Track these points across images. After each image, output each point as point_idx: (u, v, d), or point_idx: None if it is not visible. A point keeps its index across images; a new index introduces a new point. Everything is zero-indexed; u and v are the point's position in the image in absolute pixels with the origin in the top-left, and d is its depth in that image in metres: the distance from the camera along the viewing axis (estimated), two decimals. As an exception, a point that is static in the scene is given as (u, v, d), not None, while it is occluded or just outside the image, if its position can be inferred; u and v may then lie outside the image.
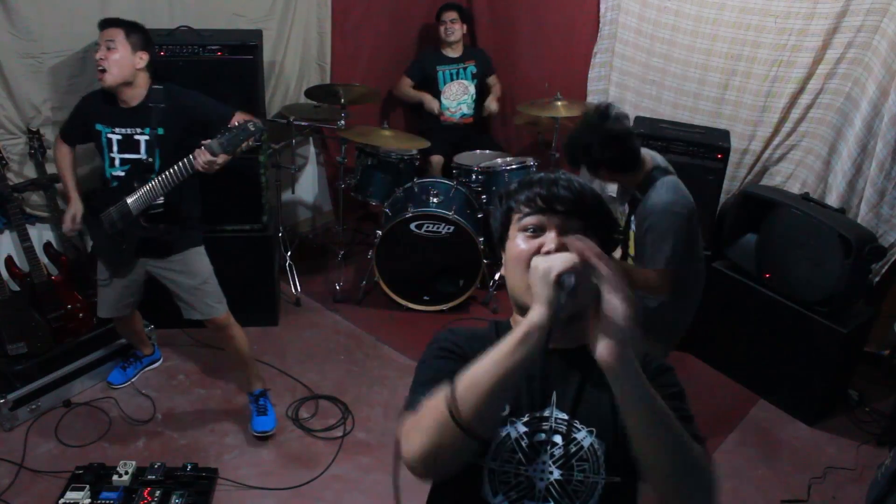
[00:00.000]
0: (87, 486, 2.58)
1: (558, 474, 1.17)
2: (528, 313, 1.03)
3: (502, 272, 1.25)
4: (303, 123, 3.93)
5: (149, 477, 2.66)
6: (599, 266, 1.03)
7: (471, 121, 4.58)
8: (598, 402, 1.19)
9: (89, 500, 2.55)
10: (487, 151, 4.32)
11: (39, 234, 3.28)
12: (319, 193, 4.72)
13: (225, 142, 2.46)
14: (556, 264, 1.03)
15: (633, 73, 4.13)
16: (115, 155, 2.71)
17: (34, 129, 3.11)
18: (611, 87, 4.28)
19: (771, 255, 3.27)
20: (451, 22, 4.40)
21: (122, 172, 2.71)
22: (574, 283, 1.02)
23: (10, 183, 3.07)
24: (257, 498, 2.74)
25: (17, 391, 2.96)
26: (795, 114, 3.59)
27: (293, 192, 4.39)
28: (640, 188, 2.41)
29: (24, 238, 3.05)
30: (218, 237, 3.30)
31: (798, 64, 3.48)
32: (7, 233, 3.21)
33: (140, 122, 2.66)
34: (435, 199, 3.78)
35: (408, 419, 1.11)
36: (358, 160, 4.06)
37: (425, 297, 3.92)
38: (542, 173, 1.24)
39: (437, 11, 4.45)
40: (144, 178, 2.63)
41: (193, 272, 2.83)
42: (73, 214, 2.84)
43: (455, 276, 3.88)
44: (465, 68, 4.51)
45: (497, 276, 4.09)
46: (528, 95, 4.34)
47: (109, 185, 2.74)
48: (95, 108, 2.72)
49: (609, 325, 1.00)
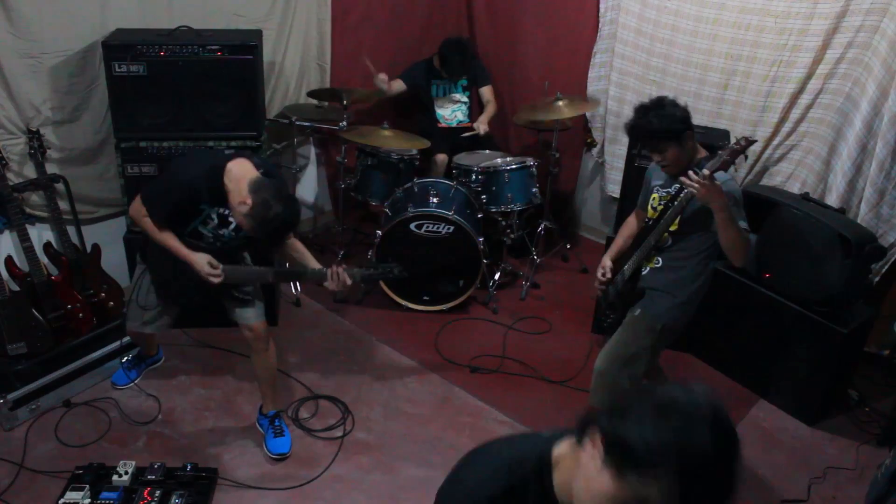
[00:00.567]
0: (87, 486, 2.58)
1: None
2: None
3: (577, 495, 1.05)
4: (304, 123, 3.94)
5: (149, 477, 2.66)
6: None
7: (469, 125, 4.56)
8: None
9: (89, 500, 2.55)
10: (487, 151, 4.32)
11: (39, 234, 3.28)
12: (320, 193, 4.72)
13: (367, 275, 2.68)
14: None
15: (633, 73, 4.14)
16: (205, 229, 2.64)
17: (34, 129, 3.11)
18: (611, 86, 4.28)
19: (771, 255, 3.26)
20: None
21: (210, 234, 2.66)
22: None
23: (10, 183, 3.08)
24: (257, 498, 2.73)
25: (17, 391, 2.96)
26: (795, 114, 3.59)
27: (293, 192, 4.39)
28: (698, 166, 2.49)
29: (24, 238, 3.05)
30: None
31: (798, 64, 3.48)
32: (7, 233, 3.21)
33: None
34: (435, 199, 3.78)
35: None
36: (358, 160, 4.06)
37: (425, 297, 3.92)
38: None
39: (440, 55, 4.31)
40: (238, 252, 2.70)
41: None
42: (209, 262, 2.61)
43: (455, 276, 3.88)
44: (455, 83, 4.51)
45: (497, 275, 4.10)
46: (528, 95, 4.34)
47: (199, 237, 2.66)
48: (200, 191, 2.52)
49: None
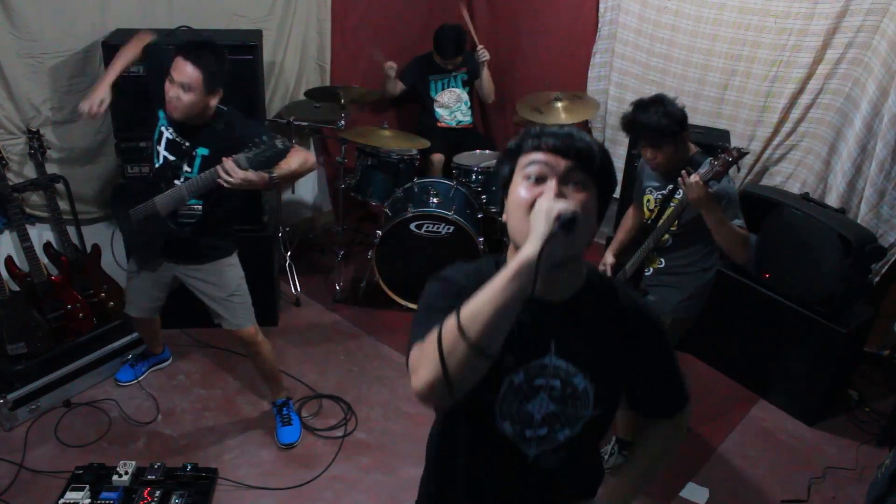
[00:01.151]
0: (87, 486, 2.58)
1: (553, 407, 1.32)
2: (522, 249, 1.10)
3: (504, 218, 1.29)
4: (303, 123, 3.93)
5: (149, 477, 2.66)
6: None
7: (470, 127, 4.57)
8: (591, 349, 1.31)
9: (89, 500, 2.55)
10: (487, 151, 4.32)
11: (39, 234, 3.28)
12: (319, 193, 4.72)
13: (252, 156, 2.32)
14: (557, 205, 1.12)
15: (633, 73, 4.14)
16: (161, 150, 2.60)
17: (34, 129, 3.11)
18: (611, 86, 4.28)
19: (771, 255, 3.26)
20: (452, 65, 4.39)
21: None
22: (571, 216, 1.11)
23: (10, 183, 3.07)
24: (257, 498, 2.74)
25: (17, 391, 2.96)
26: (795, 114, 3.60)
27: (293, 192, 4.39)
28: (691, 166, 2.52)
29: (24, 238, 3.05)
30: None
31: (798, 64, 3.48)
32: (7, 233, 3.21)
33: (193, 138, 2.57)
34: (435, 199, 3.78)
35: (414, 352, 1.17)
36: (358, 160, 4.06)
37: (425, 297, 3.91)
38: (555, 126, 1.27)
39: (435, 43, 4.33)
40: (171, 179, 2.57)
41: (222, 284, 2.77)
42: (102, 99, 2.59)
43: (455, 277, 3.87)
44: (455, 76, 4.50)
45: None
46: (528, 95, 4.34)
47: (146, 180, 2.67)
48: (163, 93, 2.50)
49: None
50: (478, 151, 4.32)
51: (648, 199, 2.71)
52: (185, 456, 2.86)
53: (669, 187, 2.60)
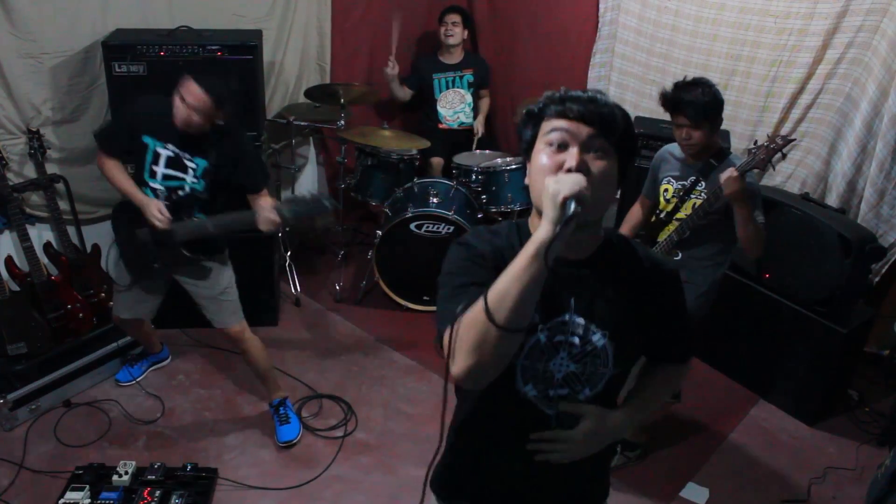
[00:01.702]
0: (87, 486, 2.58)
1: (574, 367, 1.35)
2: (537, 230, 1.14)
3: (527, 180, 1.32)
4: (302, 123, 3.93)
5: (149, 477, 2.66)
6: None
7: (471, 128, 4.56)
8: (610, 307, 1.33)
9: (89, 500, 2.55)
10: (487, 151, 4.32)
11: (39, 234, 3.28)
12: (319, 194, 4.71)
13: (296, 211, 2.38)
14: (564, 188, 1.13)
15: (633, 73, 4.14)
16: (159, 169, 2.60)
17: (34, 129, 3.12)
18: (611, 86, 4.28)
19: (771, 255, 3.25)
20: (452, 24, 4.32)
21: (161, 187, 2.61)
22: (575, 209, 1.12)
23: (10, 183, 3.08)
24: (257, 498, 2.74)
25: (17, 391, 2.96)
26: (795, 114, 3.59)
27: (293, 193, 4.39)
28: (716, 156, 2.57)
29: (24, 238, 3.05)
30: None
31: (798, 64, 3.48)
32: (7, 233, 3.21)
33: (194, 149, 2.59)
34: (435, 200, 3.78)
35: (446, 336, 1.19)
36: (358, 160, 4.06)
37: (425, 298, 3.92)
38: (579, 90, 1.27)
39: (439, 13, 4.40)
40: (191, 210, 2.61)
41: (212, 282, 2.80)
42: (158, 207, 2.56)
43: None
44: (461, 77, 4.47)
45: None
46: (528, 95, 4.34)
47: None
48: (143, 120, 2.59)
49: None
50: (478, 151, 4.32)
51: (667, 189, 2.70)
52: (185, 456, 2.86)
53: (691, 179, 2.60)
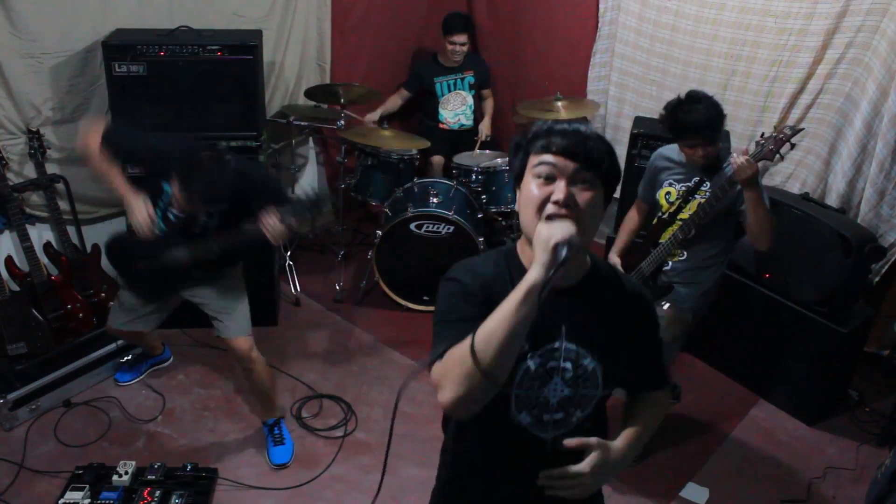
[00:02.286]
0: (87, 486, 2.58)
1: (568, 391, 1.40)
2: (529, 272, 1.19)
3: (517, 207, 1.38)
4: (302, 123, 3.93)
5: (149, 477, 2.65)
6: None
7: (471, 129, 4.56)
8: (598, 331, 1.39)
9: (89, 500, 2.55)
10: (487, 151, 4.32)
11: (39, 234, 3.28)
12: (319, 193, 4.71)
13: (298, 213, 2.37)
14: (556, 234, 1.19)
15: (634, 73, 4.14)
16: (171, 212, 2.54)
17: (34, 129, 3.12)
18: (611, 86, 4.28)
19: (771, 255, 3.25)
20: (460, 45, 4.27)
21: (172, 218, 2.55)
22: (566, 255, 1.17)
23: (10, 183, 3.08)
24: (257, 498, 2.74)
25: (17, 391, 2.96)
26: (795, 114, 3.59)
27: (293, 192, 4.39)
28: (719, 159, 2.59)
29: (24, 238, 3.05)
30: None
31: (798, 64, 3.48)
32: (7, 233, 3.21)
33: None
34: (435, 200, 3.77)
35: (437, 369, 1.27)
36: (358, 160, 4.06)
37: (425, 298, 3.92)
38: (564, 124, 1.33)
39: (444, 24, 4.28)
40: (194, 237, 2.51)
41: (223, 294, 2.75)
42: (149, 211, 2.47)
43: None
44: (462, 79, 4.47)
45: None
46: (529, 95, 4.34)
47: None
48: (170, 163, 2.47)
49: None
50: (478, 151, 4.32)
51: (669, 192, 2.70)
52: (185, 456, 2.86)
53: (695, 179, 2.61)
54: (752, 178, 2.37)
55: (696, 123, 2.48)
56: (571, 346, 1.37)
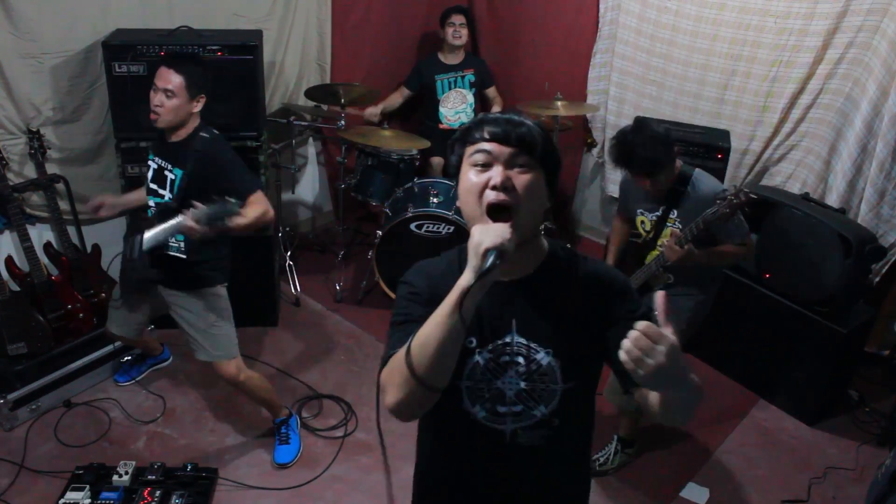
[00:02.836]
0: (87, 486, 2.59)
1: (524, 384, 1.36)
2: (462, 276, 1.18)
3: (458, 204, 1.38)
4: (302, 123, 3.93)
5: (149, 477, 2.66)
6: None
7: None
8: (552, 324, 1.34)
9: (89, 500, 2.55)
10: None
11: (39, 235, 3.28)
12: (319, 193, 4.72)
13: (210, 214, 2.31)
14: (487, 239, 1.16)
15: (634, 73, 4.14)
16: (149, 184, 2.65)
17: (34, 129, 3.12)
18: (611, 87, 4.28)
19: (771, 255, 3.26)
20: (459, 26, 4.31)
21: (153, 204, 2.64)
22: (492, 262, 1.14)
23: (10, 183, 3.08)
24: (257, 498, 2.74)
25: (17, 391, 2.96)
26: (795, 114, 3.59)
27: (293, 192, 4.39)
28: (680, 182, 2.53)
29: (24, 238, 3.05)
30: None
31: (798, 64, 3.48)
32: (7, 233, 3.21)
33: (174, 158, 2.56)
34: (435, 200, 3.77)
35: (384, 373, 1.28)
36: (358, 160, 4.06)
37: (425, 298, 3.91)
38: (495, 114, 1.35)
39: (442, 13, 4.37)
40: (164, 219, 2.51)
41: (201, 314, 2.67)
42: (102, 199, 2.75)
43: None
44: (462, 77, 4.48)
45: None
46: (528, 95, 4.34)
47: (145, 214, 2.69)
48: (155, 137, 2.66)
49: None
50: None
51: (643, 221, 2.71)
52: (185, 456, 2.86)
53: (662, 209, 2.60)
54: (683, 262, 2.39)
55: (630, 156, 2.43)
56: (522, 340, 1.34)
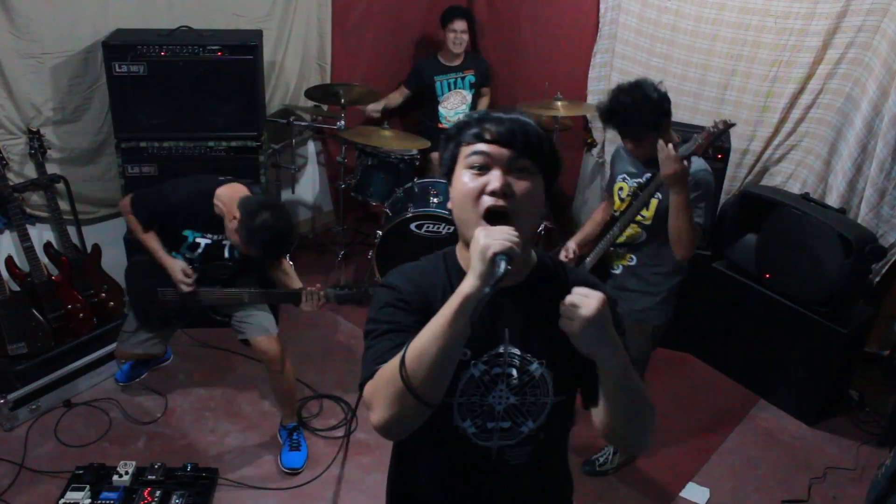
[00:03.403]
0: (87, 486, 2.58)
1: (514, 399, 1.30)
2: (463, 282, 1.09)
3: (450, 205, 1.30)
4: (303, 123, 3.93)
5: (149, 477, 2.66)
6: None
7: None
8: (544, 334, 1.27)
9: (89, 500, 2.55)
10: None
11: (39, 234, 3.28)
12: (319, 193, 4.72)
13: (341, 297, 2.61)
14: (495, 244, 1.07)
15: (634, 73, 4.13)
16: (196, 252, 2.71)
17: (34, 129, 3.12)
18: (611, 87, 4.26)
19: (771, 255, 3.26)
20: (461, 32, 4.28)
21: (198, 261, 2.73)
22: (505, 269, 1.06)
23: (10, 183, 3.08)
24: (257, 498, 2.74)
25: (17, 391, 2.96)
26: (795, 114, 3.59)
27: (293, 192, 4.39)
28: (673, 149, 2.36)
29: (24, 238, 3.05)
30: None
31: (798, 64, 3.48)
32: (7, 233, 3.21)
33: (222, 230, 2.64)
34: (435, 200, 3.77)
35: (368, 388, 1.20)
36: (358, 160, 4.06)
37: (425, 298, 3.91)
38: (499, 111, 1.25)
39: (442, 15, 4.32)
40: (222, 278, 2.69)
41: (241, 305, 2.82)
42: (183, 269, 2.68)
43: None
44: (462, 77, 4.47)
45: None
46: (529, 95, 4.34)
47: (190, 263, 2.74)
48: (182, 215, 2.65)
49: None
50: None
51: (621, 187, 2.53)
52: (185, 456, 2.86)
53: (647, 176, 2.42)
54: (676, 177, 2.16)
55: (615, 112, 2.27)
56: (515, 350, 1.28)
